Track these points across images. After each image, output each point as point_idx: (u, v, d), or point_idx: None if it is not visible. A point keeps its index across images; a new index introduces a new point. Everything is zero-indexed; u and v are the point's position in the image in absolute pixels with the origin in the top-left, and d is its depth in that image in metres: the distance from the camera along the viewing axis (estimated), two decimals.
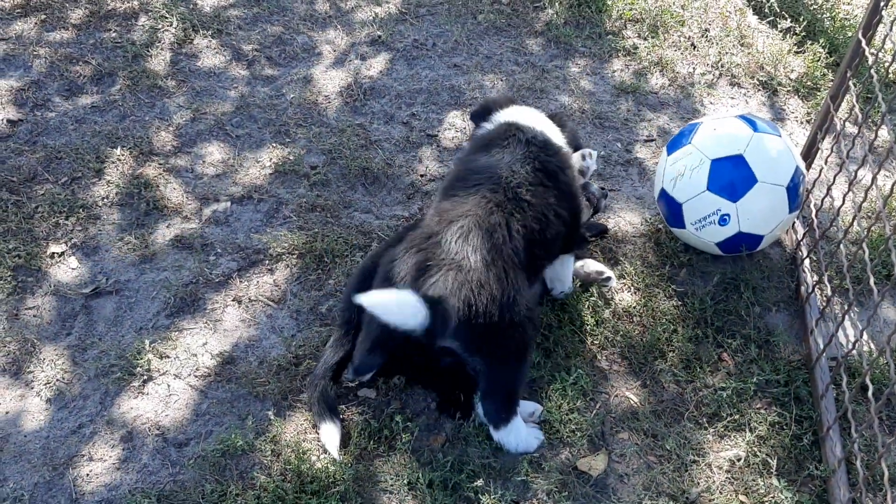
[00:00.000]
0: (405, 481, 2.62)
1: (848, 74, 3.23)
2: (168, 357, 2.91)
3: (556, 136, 3.07)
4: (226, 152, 3.71)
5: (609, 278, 3.26)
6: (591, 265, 3.29)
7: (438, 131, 3.91)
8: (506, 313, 2.51)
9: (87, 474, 2.60)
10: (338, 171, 3.65)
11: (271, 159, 3.68)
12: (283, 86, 4.05)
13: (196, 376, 2.87)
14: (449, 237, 2.54)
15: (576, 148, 3.25)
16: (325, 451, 2.68)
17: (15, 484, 2.56)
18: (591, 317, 3.15)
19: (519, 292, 2.57)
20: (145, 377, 2.85)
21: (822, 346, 3.03)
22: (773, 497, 2.71)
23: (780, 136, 3.27)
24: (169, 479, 2.59)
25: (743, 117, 3.30)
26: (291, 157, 3.69)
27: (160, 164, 3.60)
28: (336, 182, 3.61)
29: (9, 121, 3.69)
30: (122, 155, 3.60)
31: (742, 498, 2.73)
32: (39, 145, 3.60)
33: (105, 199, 3.42)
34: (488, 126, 3.07)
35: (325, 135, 3.82)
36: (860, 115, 3.09)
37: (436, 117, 3.98)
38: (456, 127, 3.94)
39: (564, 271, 3.15)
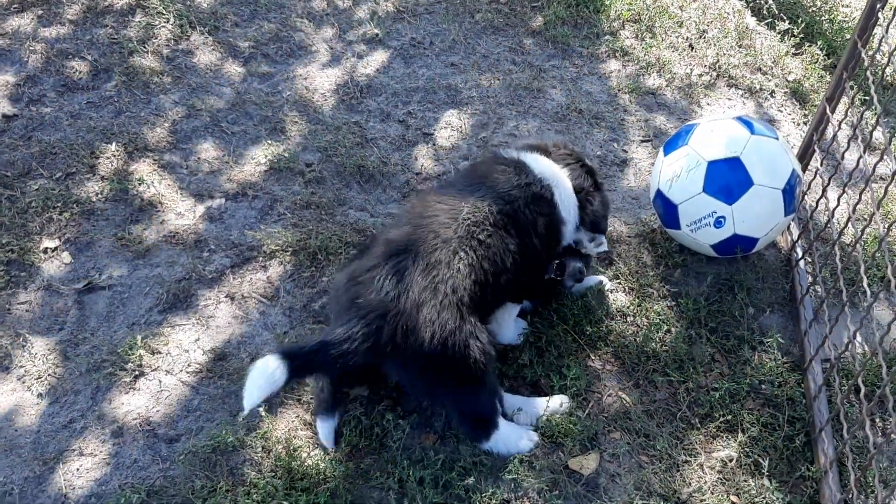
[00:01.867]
0: (396, 479, 2.62)
1: (844, 76, 3.23)
2: (160, 353, 2.91)
3: (566, 197, 2.94)
4: (221, 149, 3.70)
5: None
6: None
7: (434, 130, 3.91)
8: (438, 350, 2.45)
9: (78, 469, 2.59)
10: (333, 168, 3.65)
11: (266, 156, 3.67)
12: (279, 83, 4.05)
13: (188, 372, 2.87)
14: (385, 272, 2.50)
15: (593, 228, 3.08)
16: (316, 448, 2.67)
17: (5, 478, 2.55)
18: (585, 316, 3.14)
19: (455, 331, 2.48)
20: (137, 373, 2.84)
21: (815, 348, 3.03)
22: (764, 498, 2.71)
23: (776, 138, 3.27)
24: (159, 474, 2.59)
25: (740, 119, 3.30)
26: (287, 155, 3.68)
27: (155, 160, 3.59)
28: (331, 179, 3.60)
29: (4, 115, 3.68)
30: (117, 151, 3.59)
31: (733, 498, 2.72)
32: (34, 140, 3.60)
33: (99, 195, 3.41)
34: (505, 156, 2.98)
35: (321, 132, 3.81)
36: (856, 118, 3.08)
37: (432, 116, 3.97)
38: (452, 126, 3.93)
39: (505, 318, 3.00)
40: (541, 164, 2.93)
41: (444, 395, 2.66)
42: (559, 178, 2.95)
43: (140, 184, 3.46)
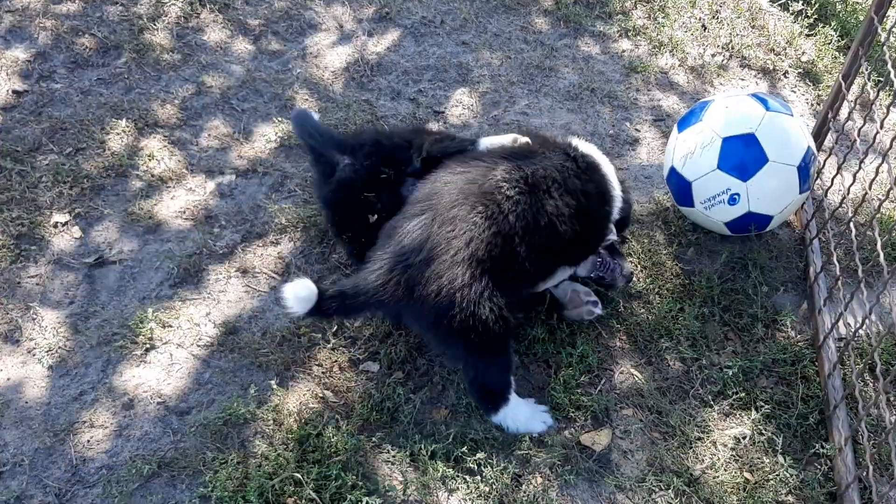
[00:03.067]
0: (407, 452, 2.61)
1: (860, 53, 3.19)
2: (171, 326, 2.90)
3: (613, 177, 2.99)
4: (231, 126, 3.68)
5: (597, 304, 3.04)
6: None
7: (445, 108, 3.88)
8: (444, 306, 2.45)
9: (88, 441, 2.58)
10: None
11: (277, 133, 3.65)
12: (290, 61, 4.02)
13: (199, 346, 2.86)
14: (408, 226, 2.54)
15: (622, 223, 3.15)
16: (328, 421, 2.66)
17: (15, 449, 2.55)
18: (597, 294, 3.11)
19: (463, 289, 2.46)
20: (147, 346, 2.83)
21: (829, 326, 3.00)
22: (778, 475, 2.69)
23: (792, 115, 3.23)
24: (170, 446, 2.58)
25: (755, 96, 3.26)
26: (294, 134, 3.65)
27: (165, 136, 3.58)
28: None
29: (14, 91, 3.66)
30: (127, 127, 3.57)
31: (747, 475, 2.71)
32: (45, 116, 3.58)
33: (109, 170, 3.40)
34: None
35: (332, 109, 3.79)
36: (872, 95, 3.05)
37: (443, 94, 3.95)
38: (463, 104, 3.91)
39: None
40: (588, 147, 2.97)
41: (455, 355, 2.70)
42: (606, 160, 3.00)
43: (150, 160, 3.45)
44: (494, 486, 2.56)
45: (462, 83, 4.02)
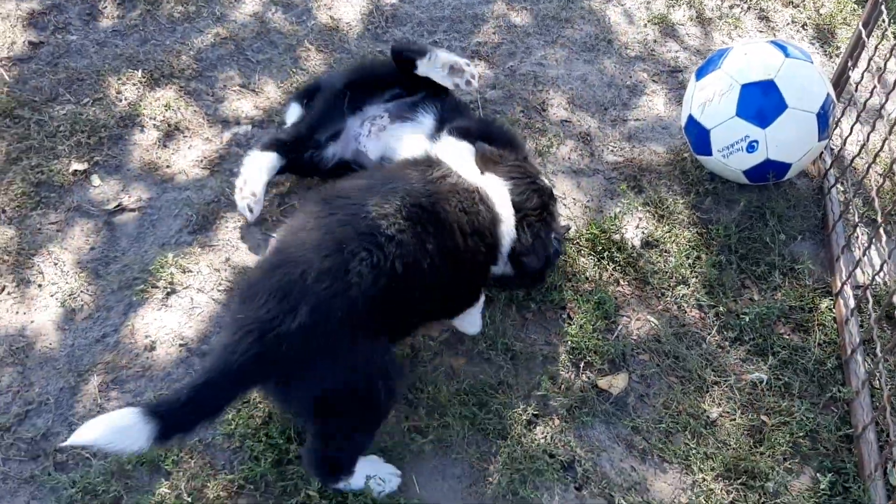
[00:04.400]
0: (428, 393, 2.63)
1: (880, 1, 3.15)
2: (191, 272, 2.92)
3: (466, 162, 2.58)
4: (245, 77, 3.68)
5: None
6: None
7: None
8: (330, 391, 2.12)
9: (112, 381, 2.62)
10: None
11: (292, 84, 3.64)
12: (304, 12, 4.00)
13: (219, 290, 2.88)
14: (268, 287, 2.06)
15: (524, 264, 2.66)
16: None
17: (41, 389, 2.59)
18: (614, 244, 3.12)
19: (356, 363, 2.13)
20: (168, 290, 2.86)
21: (847, 274, 3.00)
22: (795, 417, 2.71)
23: (811, 62, 3.21)
24: None
25: (774, 43, 3.24)
26: (312, 83, 3.64)
27: (181, 87, 3.57)
28: None
29: (30, 43, 3.66)
30: (143, 77, 3.57)
31: (764, 418, 2.73)
32: (61, 67, 3.58)
33: (126, 120, 3.40)
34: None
35: (346, 61, 3.77)
36: (891, 43, 3.02)
37: (458, 45, 3.92)
38: (479, 55, 3.89)
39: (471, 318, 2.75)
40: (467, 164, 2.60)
41: (315, 426, 2.28)
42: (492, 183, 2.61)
43: (167, 109, 3.45)
44: (514, 428, 2.58)
45: (477, 34, 3.99)
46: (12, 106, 3.35)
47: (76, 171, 3.19)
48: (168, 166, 3.26)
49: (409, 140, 2.96)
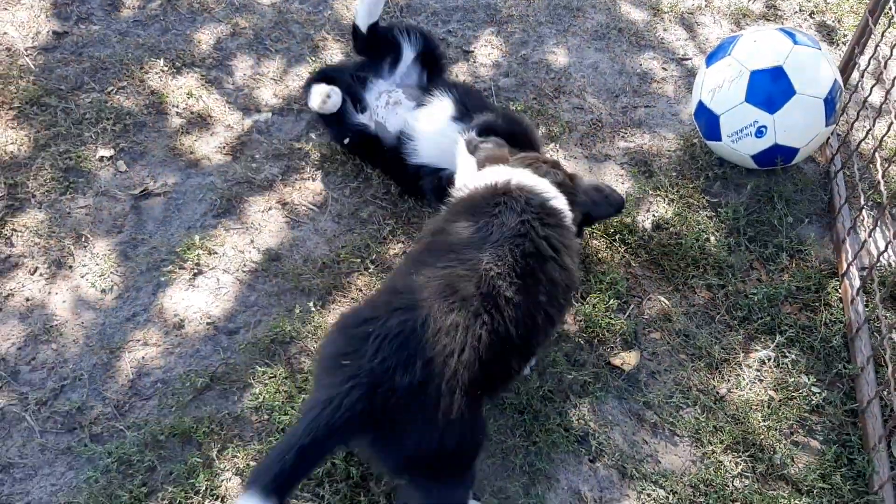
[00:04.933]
0: None
1: None
2: (216, 253, 3.01)
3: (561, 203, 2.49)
4: (265, 66, 3.76)
5: None
6: None
7: (475, 48, 3.94)
8: (433, 448, 2.02)
9: (143, 357, 2.72)
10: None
11: (310, 73, 3.72)
12: (320, 2, 4.09)
13: (244, 271, 2.98)
14: (386, 331, 1.99)
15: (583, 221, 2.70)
16: None
17: (74, 365, 2.69)
18: (625, 227, 3.21)
19: (465, 429, 2.05)
20: (195, 271, 2.96)
21: (853, 255, 3.08)
22: (801, 392, 2.80)
23: (819, 49, 3.28)
24: (221, 362, 2.71)
25: (783, 30, 3.31)
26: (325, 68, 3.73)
27: (202, 75, 3.67)
28: None
29: (55, 33, 3.76)
30: (165, 66, 3.66)
31: (771, 393, 2.82)
32: (85, 56, 3.67)
33: (150, 108, 3.49)
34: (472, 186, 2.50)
35: None
36: None
37: (472, 34, 4.01)
38: (492, 44, 3.97)
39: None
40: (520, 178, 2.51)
41: (422, 485, 2.20)
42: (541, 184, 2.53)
43: (189, 97, 3.54)
44: (530, 403, 2.68)
45: (490, 23, 4.07)
46: (39, 94, 3.44)
47: (103, 157, 3.29)
48: (192, 152, 3.35)
49: (430, 122, 3.10)
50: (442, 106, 3.10)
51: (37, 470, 2.46)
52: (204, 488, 2.40)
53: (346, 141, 3.27)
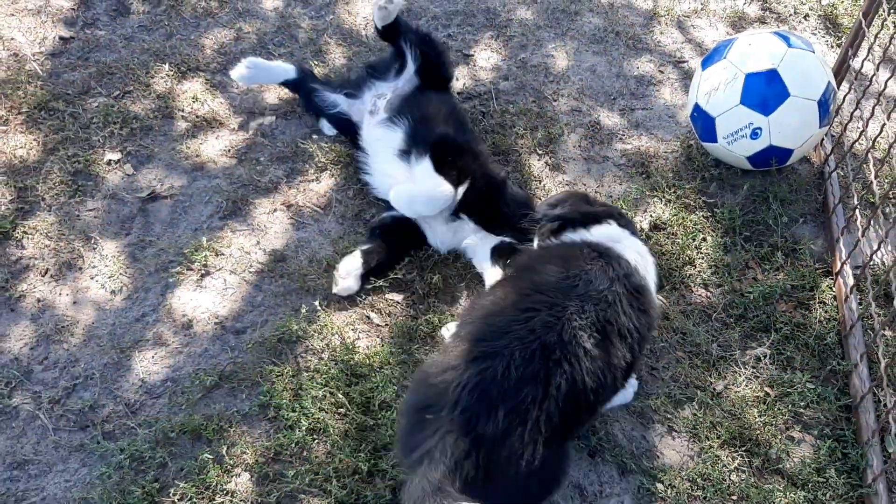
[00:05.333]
0: None
1: None
2: (223, 254, 3.08)
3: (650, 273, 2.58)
4: None
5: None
6: None
7: (475, 51, 4.01)
8: (513, 495, 2.13)
9: (153, 357, 2.78)
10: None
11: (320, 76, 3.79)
12: (322, 7, 4.15)
13: (250, 272, 3.04)
14: (466, 380, 2.05)
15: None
16: (370, 339, 2.85)
17: (86, 364, 2.75)
18: None
19: (547, 474, 2.15)
20: (203, 272, 3.02)
21: (846, 254, 3.15)
22: (796, 388, 2.86)
23: (813, 52, 3.35)
24: (229, 361, 2.77)
25: (777, 33, 3.38)
26: (332, 76, 3.80)
27: (206, 79, 3.73)
28: None
29: (61, 38, 3.82)
30: (171, 71, 3.72)
31: (767, 389, 2.88)
32: (91, 61, 3.73)
33: (156, 112, 3.55)
34: (572, 237, 2.60)
35: (364, 53, 3.92)
36: (891, 33, 3.15)
37: (471, 38, 4.07)
38: (492, 48, 4.04)
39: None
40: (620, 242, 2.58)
41: None
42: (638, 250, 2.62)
43: (194, 101, 3.61)
44: None
45: (490, 27, 4.14)
46: (47, 99, 3.50)
47: (110, 160, 3.35)
48: (197, 155, 3.41)
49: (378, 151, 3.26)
50: (390, 136, 3.20)
51: (51, 466, 2.52)
52: (214, 484, 2.46)
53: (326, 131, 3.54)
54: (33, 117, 3.43)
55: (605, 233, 2.59)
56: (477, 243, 3.08)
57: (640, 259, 2.53)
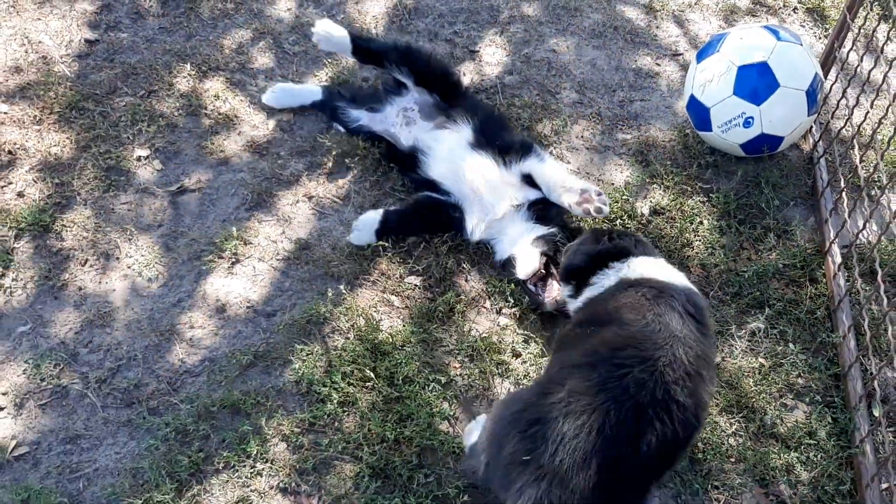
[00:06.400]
0: (464, 345, 3.00)
1: None
2: (251, 243, 3.28)
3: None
4: (285, 68, 4.02)
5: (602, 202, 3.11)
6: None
7: (479, 47, 4.21)
8: None
9: (190, 339, 2.99)
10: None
11: (327, 74, 3.99)
12: (334, 6, 4.34)
13: (278, 259, 3.24)
14: (559, 431, 2.12)
15: None
16: (392, 319, 3.06)
17: (128, 347, 2.95)
18: (626, 211, 3.48)
19: None
20: (233, 260, 3.22)
21: (835, 233, 3.36)
22: (789, 360, 3.08)
23: (801, 44, 3.56)
24: (262, 341, 2.98)
25: (767, 27, 3.58)
26: (345, 73, 4.00)
27: (227, 78, 3.92)
28: None
29: (87, 41, 4.00)
30: (192, 71, 3.92)
31: (762, 360, 3.10)
32: (116, 62, 3.92)
33: (180, 110, 3.75)
34: (627, 271, 2.63)
35: None
36: (874, 26, 3.36)
37: (476, 35, 4.27)
38: (496, 43, 4.24)
39: None
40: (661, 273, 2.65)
41: None
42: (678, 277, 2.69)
43: (216, 99, 3.80)
44: (538, 372, 2.96)
45: (493, 24, 4.34)
46: (77, 99, 3.70)
47: (140, 156, 3.54)
48: (222, 151, 3.61)
49: (449, 147, 3.43)
50: (460, 132, 3.42)
51: (101, 440, 2.72)
52: (255, 452, 2.67)
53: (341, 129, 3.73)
54: (65, 117, 3.62)
55: (649, 265, 2.66)
56: (524, 232, 3.24)
57: (676, 275, 2.63)
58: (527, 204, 3.29)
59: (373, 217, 3.26)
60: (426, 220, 3.35)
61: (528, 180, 3.30)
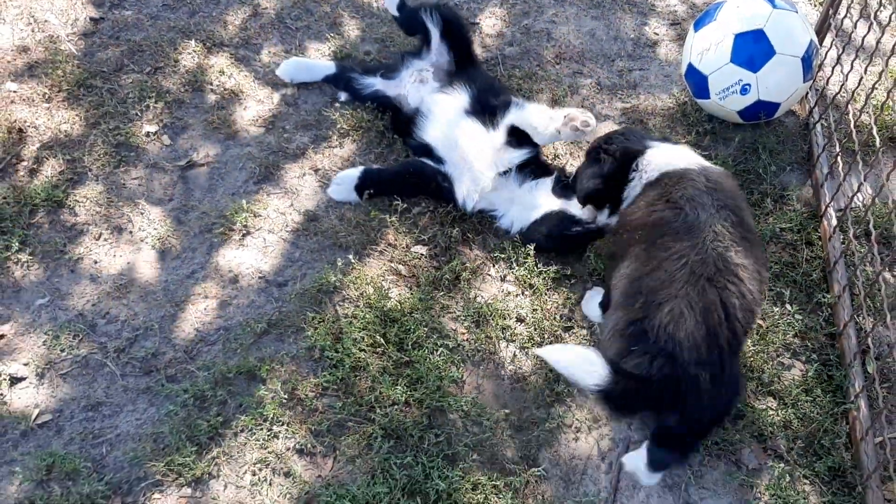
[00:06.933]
0: (470, 311, 3.09)
1: None
2: (260, 216, 3.36)
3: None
4: (288, 43, 4.08)
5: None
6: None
7: (480, 19, 4.26)
8: (717, 415, 2.58)
9: (205, 309, 3.07)
10: (391, 55, 4.02)
11: (330, 48, 4.04)
12: None
13: (287, 231, 3.32)
14: (658, 321, 2.47)
15: None
16: (398, 288, 3.15)
17: (145, 317, 3.04)
18: None
19: (735, 389, 2.56)
20: (244, 232, 3.30)
21: (830, 197, 3.44)
22: (786, 320, 3.17)
23: (796, 12, 3.61)
24: (275, 310, 3.07)
25: None
26: (348, 46, 4.06)
27: (231, 54, 3.98)
28: None
29: (92, 19, 4.05)
30: (197, 47, 3.97)
31: (759, 321, 3.18)
32: (122, 40, 3.98)
33: (186, 86, 3.81)
34: (646, 176, 2.96)
35: (377, 25, 4.17)
36: None
37: (477, 7, 4.32)
38: (496, 15, 4.29)
39: None
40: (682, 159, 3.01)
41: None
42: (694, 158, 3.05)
43: (221, 75, 3.86)
44: (545, 339, 3.05)
45: None
46: (85, 77, 3.76)
47: (148, 132, 3.61)
48: (228, 126, 3.68)
49: (445, 111, 3.51)
50: (459, 98, 3.49)
51: (122, 407, 2.82)
52: (272, 416, 2.77)
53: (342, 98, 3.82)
54: (74, 94, 3.69)
55: (659, 159, 2.99)
56: (533, 190, 3.39)
57: (691, 157, 2.99)
58: (514, 168, 3.37)
59: (352, 174, 3.40)
60: (409, 183, 3.43)
61: (515, 134, 3.35)
